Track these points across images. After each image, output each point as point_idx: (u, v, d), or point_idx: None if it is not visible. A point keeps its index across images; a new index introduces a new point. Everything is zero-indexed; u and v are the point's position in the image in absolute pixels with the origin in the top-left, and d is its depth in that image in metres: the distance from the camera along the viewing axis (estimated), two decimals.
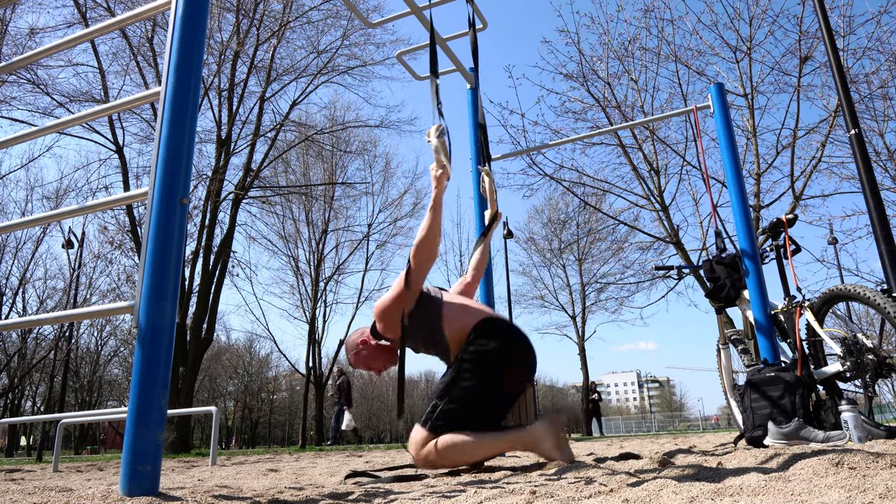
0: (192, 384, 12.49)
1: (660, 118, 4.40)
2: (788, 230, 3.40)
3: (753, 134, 10.76)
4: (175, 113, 1.65)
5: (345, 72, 15.87)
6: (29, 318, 1.80)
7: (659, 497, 1.17)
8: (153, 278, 1.53)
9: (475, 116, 4.39)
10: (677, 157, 11.53)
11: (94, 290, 20.60)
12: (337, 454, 7.10)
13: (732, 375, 3.76)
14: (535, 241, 23.03)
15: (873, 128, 11.07)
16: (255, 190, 15.73)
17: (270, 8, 14.33)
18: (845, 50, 10.04)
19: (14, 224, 1.98)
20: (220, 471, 4.01)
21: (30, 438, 33.83)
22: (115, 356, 31.32)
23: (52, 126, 2.05)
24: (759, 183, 10.76)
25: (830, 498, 1.05)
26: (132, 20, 1.96)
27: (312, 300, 19.94)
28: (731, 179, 3.84)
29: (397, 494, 1.64)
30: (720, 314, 3.79)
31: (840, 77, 4.92)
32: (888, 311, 2.72)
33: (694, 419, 44.78)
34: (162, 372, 1.48)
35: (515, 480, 1.82)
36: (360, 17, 4.14)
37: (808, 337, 3.19)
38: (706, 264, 3.76)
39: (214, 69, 13.73)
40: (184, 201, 1.61)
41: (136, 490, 1.40)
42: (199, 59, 1.74)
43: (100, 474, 4.11)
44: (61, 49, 2.10)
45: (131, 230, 12.94)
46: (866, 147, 4.83)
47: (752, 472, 1.40)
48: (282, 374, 47.48)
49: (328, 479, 2.58)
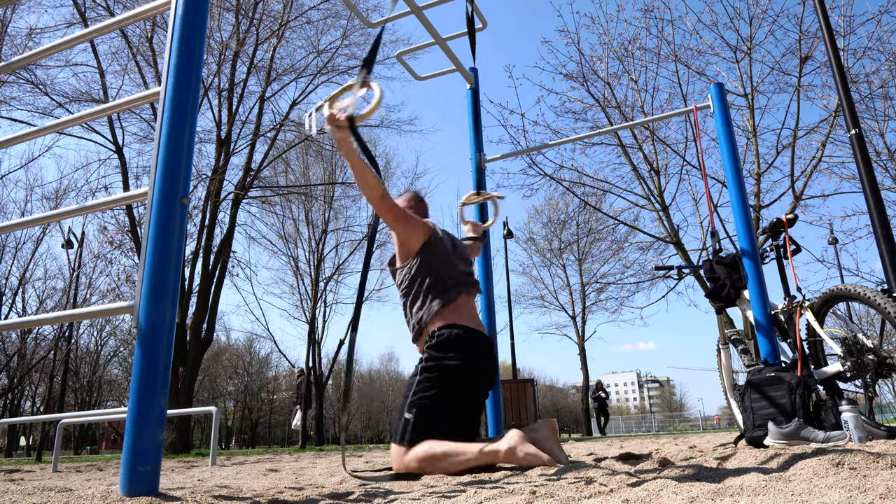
0: (192, 384, 12.48)
1: (660, 118, 4.39)
2: (788, 230, 3.40)
3: (753, 134, 10.76)
4: (175, 113, 1.65)
5: (345, 71, 15.86)
6: (29, 318, 1.79)
7: (659, 497, 1.17)
8: (153, 278, 1.53)
9: (475, 116, 4.39)
10: (677, 157, 11.54)
11: (94, 290, 20.60)
12: (337, 454, 7.09)
13: (732, 375, 3.75)
14: (535, 241, 23.05)
15: (874, 128, 11.08)
16: (255, 190, 15.73)
17: (270, 8, 14.33)
18: (845, 50, 10.04)
19: (14, 224, 1.98)
20: (219, 471, 4.01)
21: (29, 439, 33.81)
22: (115, 356, 31.32)
23: (52, 126, 2.05)
24: (760, 183, 10.76)
25: (831, 498, 1.05)
26: (132, 20, 1.96)
27: (312, 300, 19.94)
28: (731, 179, 3.83)
29: (397, 494, 1.64)
30: (720, 314, 3.79)
31: (840, 77, 4.92)
32: (888, 311, 2.72)
33: (694, 419, 44.77)
34: (162, 372, 1.48)
35: (515, 480, 1.81)
36: (359, 17, 4.13)
37: (809, 337, 3.19)
38: (706, 264, 3.76)
39: (214, 69, 13.73)
40: (184, 201, 1.61)
41: (135, 490, 1.40)
42: (198, 58, 1.73)
43: (99, 474, 4.11)
44: (61, 49, 2.10)
45: (131, 230, 12.94)
46: (867, 147, 4.83)
47: (752, 472, 1.40)
48: (282, 374, 47.44)
49: (328, 479, 2.57)
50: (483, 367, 2.50)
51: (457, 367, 2.41)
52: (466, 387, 2.45)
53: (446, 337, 2.45)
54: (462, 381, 2.43)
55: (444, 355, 2.43)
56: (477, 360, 2.47)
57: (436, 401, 2.37)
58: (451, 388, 2.40)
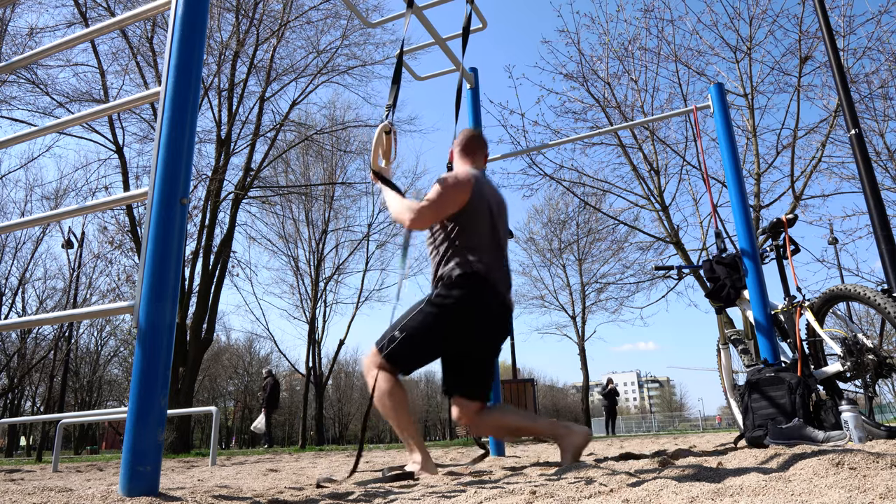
0: (192, 384, 12.48)
1: (660, 118, 4.40)
2: (788, 230, 3.40)
3: (753, 134, 10.76)
4: (175, 113, 1.65)
5: (344, 71, 15.86)
6: (28, 318, 1.79)
7: (659, 497, 1.17)
8: (153, 278, 1.53)
9: (475, 115, 4.39)
10: (677, 157, 11.53)
11: (94, 290, 20.61)
12: (337, 454, 7.09)
13: (732, 375, 3.75)
14: (535, 241, 23.04)
15: (873, 128, 11.08)
16: (255, 190, 15.72)
17: (270, 8, 14.32)
18: (845, 50, 10.04)
19: (14, 224, 1.98)
20: (220, 471, 4.01)
21: (29, 439, 33.82)
22: (115, 356, 31.33)
23: (52, 126, 2.05)
24: (760, 183, 10.76)
25: (831, 498, 1.05)
26: (132, 20, 1.96)
27: (312, 300, 19.95)
28: (731, 179, 3.84)
29: (397, 494, 1.64)
30: (720, 314, 3.80)
31: (840, 77, 4.92)
32: (888, 311, 2.72)
33: (694, 419, 44.75)
34: (162, 372, 1.48)
35: (515, 480, 1.82)
36: (359, 17, 4.13)
37: (809, 337, 3.19)
38: (706, 264, 3.76)
39: (214, 69, 13.72)
40: (184, 201, 1.61)
41: (135, 490, 1.40)
42: (198, 58, 1.74)
43: (100, 474, 4.11)
44: (61, 49, 2.10)
45: (131, 230, 12.94)
46: (866, 147, 4.83)
47: (752, 472, 1.40)
48: (282, 374, 47.43)
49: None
50: (489, 320, 2.47)
51: (461, 310, 2.42)
52: (464, 332, 2.45)
53: (461, 280, 2.43)
54: (461, 325, 2.43)
55: (450, 294, 2.43)
56: (485, 312, 2.45)
57: (427, 335, 2.44)
58: (448, 328, 2.43)
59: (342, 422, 49.98)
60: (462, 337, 2.46)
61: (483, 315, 2.45)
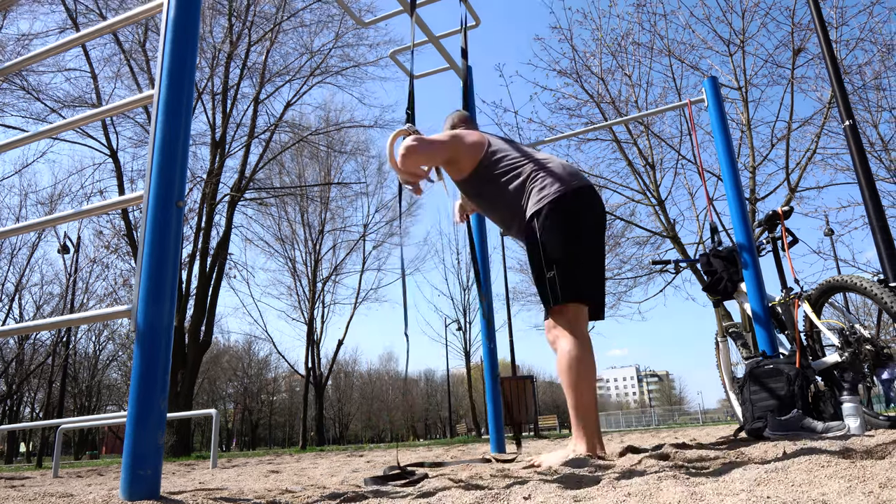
0: (191, 387, 12.47)
1: (654, 113, 4.40)
2: (784, 222, 3.40)
3: (748, 127, 10.78)
4: (169, 116, 1.65)
5: (338, 72, 15.85)
6: (26, 324, 1.79)
7: (660, 490, 1.17)
8: (150, 281, 1.53)
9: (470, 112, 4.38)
10: (672, 151, 11.55)
11: (91, 295, 20.55)
12: (338, 454, 7.09)
13: (731, 368, 3.76)
14: None
15: (867, 119, 11.10)
16: (251, 192, 15.70)
17: (262, 10, 14.29)
18: (838, 41, 10.05)
19: (9, 230, 1.97)
20: (221, 473, 4.01)
21: (29, 445, 33.74)
22: (114, 360, 31.29)
23: (46, 131, 2.04)
24: (755, 175, 10.78)
25: (831, 488, 1.06)
26: (124, 23, 1.95)
27: (310, 301, 19.94)
28: (727, 172, 3.84)
29: (397, 494, 1.64)
30: (718, 307, 3.80)
31: (833, 68, 4.93)
32: (885, 301, 2.73)
33: (693, 413, 44.85)
34: (161, 375, 1.48)
35: (516, 478, 1.82)
36: (352, 16, 4.13)
37: (806, 328, 3.20)
38: (703, 258, 3.76)
39: (208, 73, 13.70)
40: (180, 204, 1.61)
41: (136, 494, 1.40)
42: (192, 61, 1.73)
43: (100, 479, 4.11)
44: (53, 53, 2.09)
45: (127, 234, 12.93)
46: (861, 138, 4.84)
47: (752, 463, 1.40)
48: (281, 375, 47.43)
49: (329, 480, 2.57)
50: (600, 209, 2.37)
51: (578, 214, 2.26)
52: (594, 231, 2.31)
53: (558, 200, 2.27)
54: (588, 226, 2.28)
55: (559, 207, 2.26)
56: (593, 203, 2.34)
57: (569, 248, 2.20)
58: (581, 235, 2.24)
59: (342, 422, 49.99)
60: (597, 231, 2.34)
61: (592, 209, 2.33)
